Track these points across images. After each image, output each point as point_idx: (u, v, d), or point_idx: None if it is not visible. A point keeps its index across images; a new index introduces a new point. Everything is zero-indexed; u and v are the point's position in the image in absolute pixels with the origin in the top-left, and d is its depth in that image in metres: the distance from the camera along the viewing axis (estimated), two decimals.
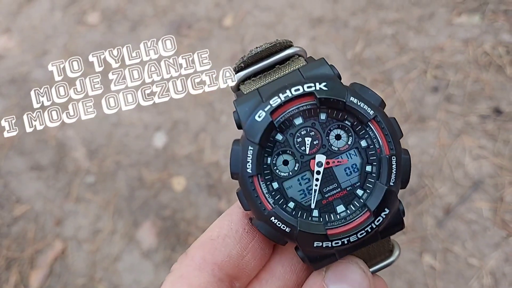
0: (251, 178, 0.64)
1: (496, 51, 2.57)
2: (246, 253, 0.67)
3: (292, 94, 0.65)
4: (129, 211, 2.54)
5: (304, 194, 0.66)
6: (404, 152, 0.66)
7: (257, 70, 0.72)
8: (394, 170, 0.64)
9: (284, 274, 0.70)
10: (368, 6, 2.86)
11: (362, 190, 0.66)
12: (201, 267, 0.65)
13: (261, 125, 0.65)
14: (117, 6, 3.18)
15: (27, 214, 2.62)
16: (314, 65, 0.70)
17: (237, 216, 0.69)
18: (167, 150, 2.66)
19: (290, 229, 0.63)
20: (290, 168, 0.67)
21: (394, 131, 0.66)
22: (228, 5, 3.03)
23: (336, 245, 0.63)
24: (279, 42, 0.72)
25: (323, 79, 0.66)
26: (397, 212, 0.66)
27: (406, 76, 2.60)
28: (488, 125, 2.39)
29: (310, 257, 0.65)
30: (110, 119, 2.77)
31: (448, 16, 2.73)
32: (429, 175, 2.34)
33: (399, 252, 0.73)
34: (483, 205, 2.24)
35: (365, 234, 0.63)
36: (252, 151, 0.65)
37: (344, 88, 0.66)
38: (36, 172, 2.73)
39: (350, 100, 0.65)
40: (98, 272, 2.43)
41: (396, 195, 0.65)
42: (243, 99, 0.69)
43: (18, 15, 3.28)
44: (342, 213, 0.66)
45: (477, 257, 2.16)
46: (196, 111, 2.72)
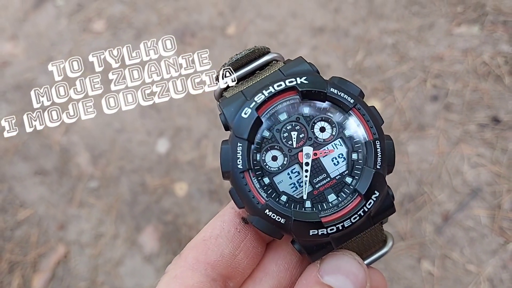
0: (243, 173, 0.66)
1: (495, 61, 2.60)
2: (239, 252, 0.68)
3: (275, 89, 0.68)
4: (131, 216, 2.57)
5: (295, 187, 0.68)
6: (387, 137, 0.69)
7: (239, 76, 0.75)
8: (380, 154, 0.66)
9: (278, 272, 0.71)
10: (368, 16, 2.90)
11: (351, 178, 0.68)
12: (194, 267, 0.66)
13: (248, 121, 0.67)
14: (122, 14, 3.22)
15: (31, 218, 2.64)
16: (293, 63, 0.73)
17: (229, 217, 0.71)
18: (170, 156, 2.69)
19: (285, 220, 0.64)
20: (279, 163, 0.68)
21: (375, 118, 0.68)
22: (231, 14, 3.07)
23: (331, 231, 0.64)
24: (257, 49, 0.74)
25: (303, 74, 0.69)
26: (387, 196, 0.67)
27: (406, 85, 2.64)
28: (486, 134, 2.42)
29: (307, 248, 0.66)
30: (113, 125, 2.81)
31: (447, 26, 2.77)
32: (428, 182, 2.37)
33: (392, 242, 0.74)
34: (481, 212, 2.26)
35: (358, 218, 0.64)
36: (242, 147, 0.66)
37: (324, 81, 0.69)
38: (40, 177, 2.76)
39: (331, 91, 0.68)
40: (100, 276, 2.45)
41: (384, 178, 0.66)
42: (228, 101, 0.71)
43: (25, 22, 3.33)
44: (334, 201, 0.67)
45: (475, 263, 2.18)
46: (199, 117, 2.75)
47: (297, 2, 3.04)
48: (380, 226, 0.72)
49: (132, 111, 2.78)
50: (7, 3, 3.44)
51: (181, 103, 2.81)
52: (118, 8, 3.26)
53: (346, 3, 2.99)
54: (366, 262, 0.72)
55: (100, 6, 3.29)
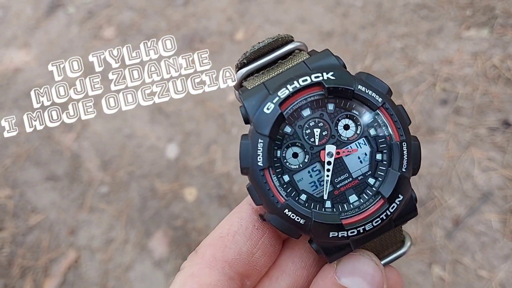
0: (262, 171, 0.63)
1: (504, 64, 2.59)
2: (256, 250, 0.66)
3: (300, 84, 0.64)
4: (141, 221, 2.58)
5: (316, 186, 0.65)
6: (414, 138, 0.66)
7: (260, 66, 0.71)
8: (406, 156, 0.64)
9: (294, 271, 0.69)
10: (377, 20, 2.90)
11: (374, 179, 0.65)
12: (212, 265, 0.64)
13: (271, 117, 0.64)
14: (132, 21, 3.26)
15: (42, 224, 2.66)
16: (320, 56, 0.69)
17: (246, 213, 0.68)
18: (179, 161, 2.70)
19: (304, 220, 0.62)
20: (300, 161, 0.66)
21: (403, 118, 0.65)
22: (239, 20, 3.09)
23: (352, 234, 0.62)
24: (281, 37, 0.71)
25: (329, 69, 0.66)
26: (410, 199, 0.65)
27: (415, 88, 2.63)
28: (497, 137, 2.40)
29: (325, 249, 0.64)
30: (123, 131, 2.83)
31: (457, 30, 2.76)
32: (438, 187, 2.35)
33: (410, 242, 0.72)
34: (492, 217, 2.24)
35: (380, 222, 0.62)
36: (263, 144, 0.63)
37: (352, 77, 0.66)
38: (51, 182, 2.79)
39: (358, 88, 0.65)
40: (111, 281, 2.46)
41: (409, 181, 0.64)
42: (249, 93, 0.68)
43: (36, 30, 3.37)
44: (355, 203, 0.65)
45: (486, 268, 2.16)
46: (208, 123, 2.76)
47: (305, 7, 3.05)
48: (400, 227, 0.70)
49: (141, 116, 2.80)
50: (19, 11, 3.50)
51: (190, 108, 2.82)
52: (128, 15, 3.29)
53: (355, 7, 2.99)
54: (383, 262, 0.69)
55: (110, 13, 3.33)
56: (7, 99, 3.10)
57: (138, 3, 3.34)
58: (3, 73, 3.22)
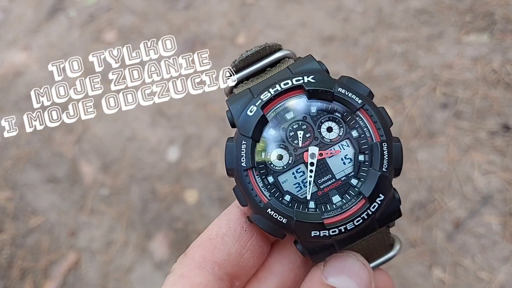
0: (246, 171, 0.65)
1: (504, 69, 2.61)
2: (245, 251, 0.68)
3: (282, 87, 0.67)
4: (142, 223, 2.58)
5: (300, 187, 0.67)
6: (395, 139, 0.67)
7: (249, 74, 0.74)
8: (386, 157, 0.65)
9: (282, 272, 0.70)
10: (377, 25, 2.92)
11: (357, 179, 0.66)
12: (201, 266, 0.65)
13: (253, 119, 0.66)
14: (133, 24, 3.27)
15: (42, 226, 2.66)
16: (302, 61, 0.71)
17: (235, 215, 0.70)
18: (180, 164, 2.70)
19: (287, 220, 0.64)
20: (284, 162, 0.67)
21: (383, 119, 0.67)
22: (241, 24, 3.11)
23: (333, 233, 0.63)
24: (268, 46, 0.73)
25: (311, 72, 0.68)
26: (392, 199, 0.66)
27: (416, 93, 2.65)
28: (496, 141, 2.42)
29: (309, 249, 0.65)
30: (124, 133, 2.83)
31: (457, 35, 2.78)
32: (438, 190, 2.36)
33: (399, 246, 0.73)
34: (492, 220, 2.25)
35: (361, 221, 0.63)
36: (246, 145, 0.66)
37: (332, 80, 0.68)
38: (52, 184, 2.79)
39: (338, 90, 0.66)
40: (111, 283, 2.46)
41: (390, 181, 0.65)
42: (235, 98, 0.71)
43: (37, 33, 3.39)
44: (338, 203, 0.66)
45: (486, 270, 2.16)
46: (209, 126, 2.77)
47: (306, 12, 3.07)
48: (387, 230, 0.71)
49: (143, 119, 2.81)
50: (21, 14, 3.51)
51: (191, 111, 2.83)
52: (129, 19, 3.30)
53: (355, 12, 3.01)
54: (372, 265, 0.70)
55: (111, 17, 3.34)
56: (8, 101, 3.10)
57: (139, 7, 3.36)
58: (4, 76, 3.23)
